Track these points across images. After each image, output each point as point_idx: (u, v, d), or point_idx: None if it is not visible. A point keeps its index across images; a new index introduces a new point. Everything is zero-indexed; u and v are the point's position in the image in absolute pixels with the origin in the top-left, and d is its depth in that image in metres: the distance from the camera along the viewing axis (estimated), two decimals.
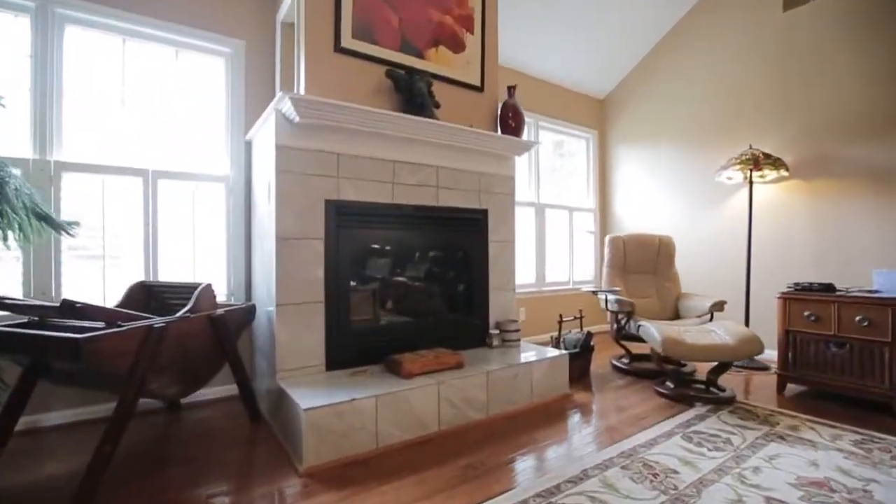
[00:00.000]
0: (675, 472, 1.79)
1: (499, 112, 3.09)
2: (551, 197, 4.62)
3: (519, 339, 3.00)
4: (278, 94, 2.13)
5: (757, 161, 3.38)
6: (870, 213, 3.19)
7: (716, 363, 2.77)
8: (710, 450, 2.00)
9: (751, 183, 3.56)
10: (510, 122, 3.01)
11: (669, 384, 2.86)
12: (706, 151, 4.11)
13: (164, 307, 2.29)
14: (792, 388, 2.91)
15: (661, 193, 4.49)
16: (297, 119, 2.17)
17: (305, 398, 1.92)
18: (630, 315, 3.17)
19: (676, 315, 3.53)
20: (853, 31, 3.27)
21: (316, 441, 1.82)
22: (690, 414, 2.47)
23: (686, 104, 4.27)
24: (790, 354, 2.81)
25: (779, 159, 3.40)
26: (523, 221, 4.35)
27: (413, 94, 2.52)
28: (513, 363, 2.54)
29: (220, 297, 2.74)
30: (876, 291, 2.80)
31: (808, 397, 2.78)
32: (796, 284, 2.99)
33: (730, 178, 3.76)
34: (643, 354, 3.56)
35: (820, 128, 3.42)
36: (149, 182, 2.52)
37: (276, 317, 2.22)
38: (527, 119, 4.19)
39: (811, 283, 2.94)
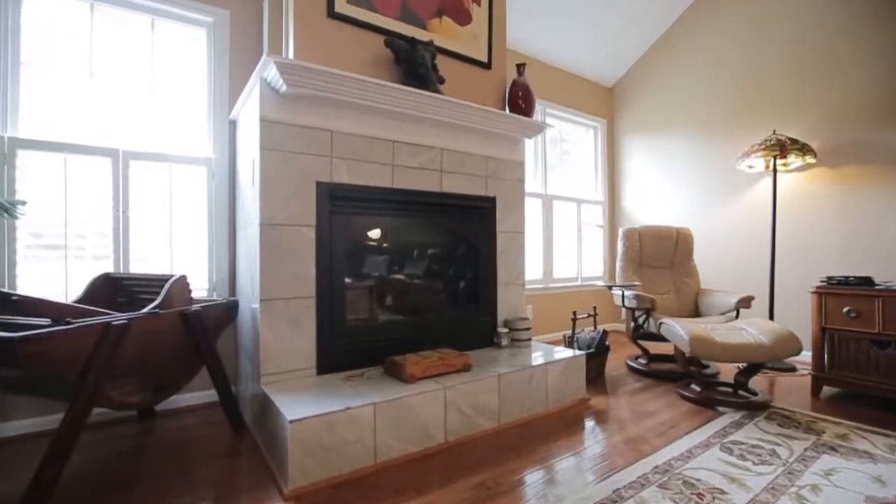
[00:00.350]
0: (723, 492, 1.54)
1: (507, 91, 2.84)
2: (559, 188, 4.37)
3: (530, 339, 2.74)
4: (263, 58, 1.87)
5: (783, 147, 3.14)
6: None
7: (745, 364, 2.53)
8: (755, 463, 1.75)
9: (775, 171, 3.33)
10: (520, 101, 2.76)
11: (695, 387, 2.62)
12: (722, 139, 3.88)
13: (134, 302, 2.02)
14: (826, 390, 2.68)
15: (674, 185, 4.25)
16: (283, 88, 1.91)
17: (292, 407, 1.66)
18: (649, 312, 2.93)
19: (696, 312, 3.29)
20: (882, 3, 3.04)
21: (304, 457, 1.56)
22: (724, 421, 2.22)
23: (700, 90, 4.03)
24: (826, 354, 2.57)
25: (806, 145, 3.16)
26: (530, 213, 4.10)
27: (415, 66, 2.26)
28: (526, 365, 2.29)
29: (202, 292, 2.48)
30: None
31: (846, 401, 2.54)
32: (830, 278, 2.76)
33: (751, 167, 3.53)
34: (661, 354, 3.32)
35: (848, 111, 3.18)
36: (119, 163, 2.25)
37: (259, 314, 1.95)
38: (538, 104, 3.95)
39: (847, 277, 2.70)
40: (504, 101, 2.85)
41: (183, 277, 1.85)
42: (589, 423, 2.23)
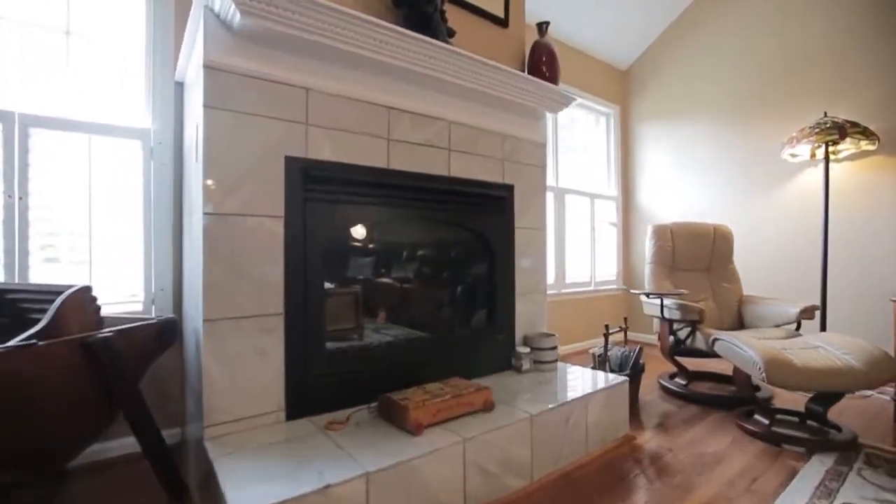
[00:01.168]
0: None
1: (527, 55, 2.32)
2: (571, 181, 3.87)
3: (556, 360, 2.22)
4: None
5: (843, 130, 2.69)
6: None
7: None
8: None
9: (827, 159, 2.88)
10: (543, 68, 2.24)
11: (760, 419, 2.13)
12: (757, 125, 3.43)
13: (23, 324, 1.43)
14: None
15: (696, 178, 3.79)
16: (236, 19, 1.35)
17: (242, 484, 1.10)
18: (696, 325, 2.44)
19: (741, 324, 2.82)
20: None
21: None
22: (817, 469, 1.73)
23: (729, 72, 3.58)
24: None
25: (868, 128, 2.72)
26: None
27: (420, 5, 1.72)
28: (562, 399, 1.76)
29: (134, 307, 1.88)
30: None
31: None
32: None
33: (794, 156, 3.08)
34: (700, 372, 2.84)
35: None
36: (14, 131, 1.65)
37: (202, 340, 1.38)
38: None
39: None
40: (523, 65, 2.33)
41: (83, 290, 1.27)
42: (644, 475, 1.71)
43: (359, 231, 1.94)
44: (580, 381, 2.02)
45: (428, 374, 1.83)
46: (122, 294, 1.86)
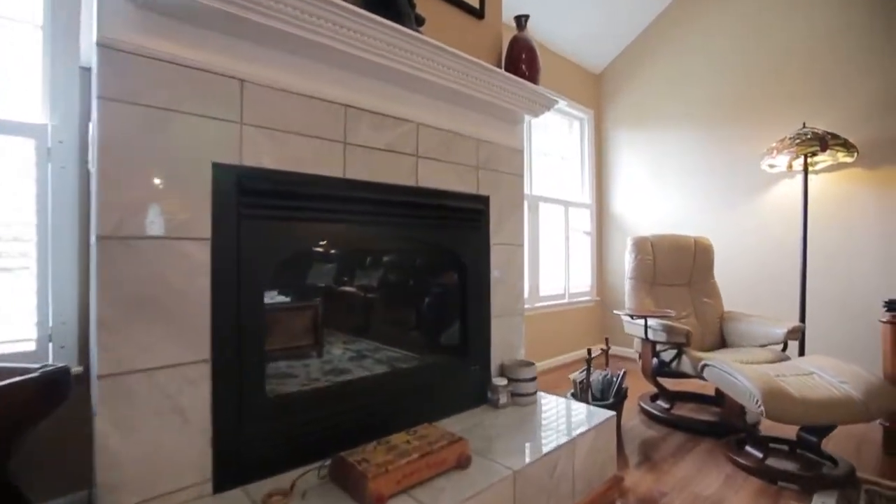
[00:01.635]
0: None
1: (504, 51, 2.08)
2: (545, 188, 3.68)
3: (535, 392, 2.00)
4: None
5: (823, 142, 2.61)
6: None
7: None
8: None
9: (806, 171, 2.80)
10: (522, 66, 2.01)
11: (753, 451, 1.98)
12: (734, 134, 3.35)
13: None
14: None
15: (671, 187, 3.69)
16: None
17: None
18: (682, 348, 2.28)
19: (723, 342, 2.69)
20: None
21: None
22: None
23: (706, 78, 3.49)
24: None
25: (848, 140, 2.65)
26: None
27: None
28: (547, 447, 1.53)
29: (25, 346, 1.51)
30: None
31: None
32: (893, 302, 2.24)
33: (772, 166, 3.00)
34: (682, 392, 2.70)
35: (887, 103, 2.71)
36: None
37: (97, 403, 1.06)
38: None
39: None
40: (500, 62, 2.09)
41: None
42: None
43: (309, 253, 1.65)
44: (564, 418, 1.80)
45: (392, 419, 1.56)
46: (9, 329, 1.49)
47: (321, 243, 1.64)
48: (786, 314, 2.93)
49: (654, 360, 2.41)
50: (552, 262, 3.71)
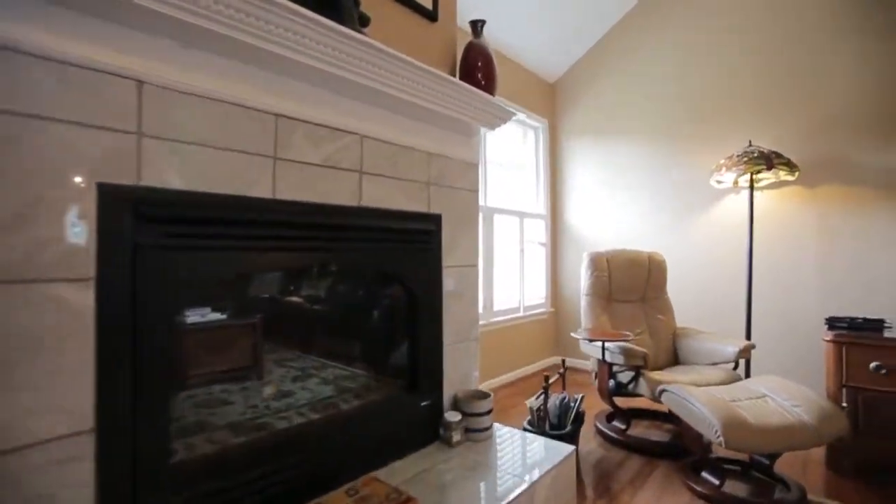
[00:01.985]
0: None
1: (459, 58, 1.94)
2: (500, 198, 3.58)
3: (491, 425, 1.86)
4: None
5: (770, 161, 2.66)
6: (893, 227, 2.62)
7: None
8: None
9: (752, 188, 2.86)
10: (478, 74, 1.87)
11: (710, 478, 1.94)
12: (686, 149, 3.39)
13: None
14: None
15: (625, 199, 3.70)
16: None
17: None
18: (640, 370, 2.22)
19: (676, 359, 2.68)
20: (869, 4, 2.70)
21: None
22: None
23: (656, 92, 3.52)
24: (853, 421, 2.06)
25: (791, 160, 2.72)
26: None
27: None
28: (505, 493, 1.39)
29: None
30: None
31: (881, 477, 2.03)
32: (834, 320, 2.31)
33: (720, 182, 3.05)
34: (637, 410, 2.66)
35: (829, 124, 2.82)
36: None
37: None
38: None
39: (855, 318, 2.27)
40: (454, 70, 1.95)
41: None
42: None
43: (231, 289, 1.42)
44: (520, 456, 1.68)
45: (330, 476, 1.37)
46: None
47: (245, 275, 1.42)
48: (734, 330, 2.98)
49: (611, 382, 2.35)
50: (507, 274, 3.61)
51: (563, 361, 2.40)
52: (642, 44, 3.58)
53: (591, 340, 2.27)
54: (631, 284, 2.76)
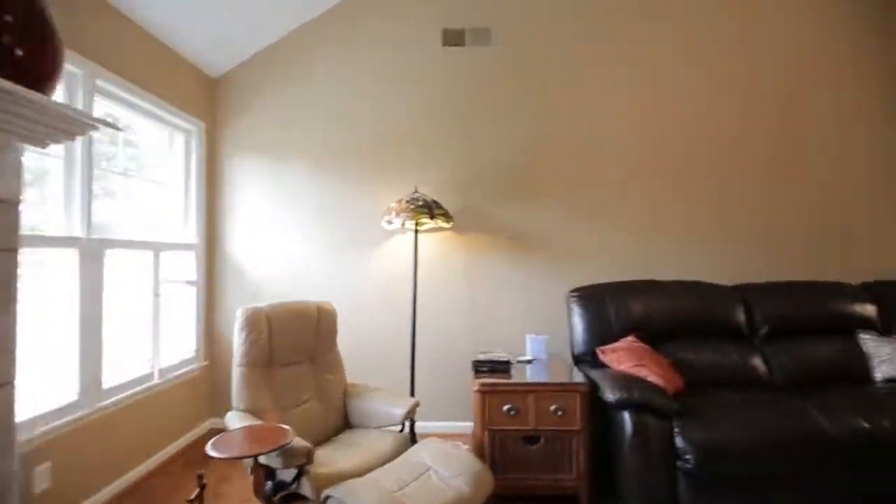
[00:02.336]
0: None
1: None
2: (118, 226, 2.51)
3: None
4: None
5: (432, 210, 2.77)
6: (518, 273, 3.17)
7: None
8: None
9: (416, 234, 2.94)
10: (14, 46, 1.00)
11: None
12: (357, 180, 3.25)
13: None
14: None
15: (297, 233, 3.27)
16: None
17: None
18: (302, 469, 1.78)
19: (347, 423, 2.40)
20: (501, 80, 3.21)
21: None
22: None
23: (330, 124, 3.26)
24: (492, 459, 2.25)
25: (447, 211, 2.92)
26: (51, 276, 2.08)
27: None
28: None
29: None
30: (532, 360, 2.74)
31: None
32: (478, 364, 2.56)
33: (390, 223, 3.02)
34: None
35: (473, 180, 3.20)
36: None
37: None
38: (70, 66, 2.08)
39: (489, 360, 2.58)
40: None
41: None
42: None
43: None
44: None
45: None
46: None
47: None
48: (401, 375, 2.97)
49: (269, 483, 1.82)
50: (129, 332, 2.56)
51: (201, 477, 1.70)
52: (310, 65, 3.26)
53: (238, 458, 1.65)
54: (297, 343, 2.32)
